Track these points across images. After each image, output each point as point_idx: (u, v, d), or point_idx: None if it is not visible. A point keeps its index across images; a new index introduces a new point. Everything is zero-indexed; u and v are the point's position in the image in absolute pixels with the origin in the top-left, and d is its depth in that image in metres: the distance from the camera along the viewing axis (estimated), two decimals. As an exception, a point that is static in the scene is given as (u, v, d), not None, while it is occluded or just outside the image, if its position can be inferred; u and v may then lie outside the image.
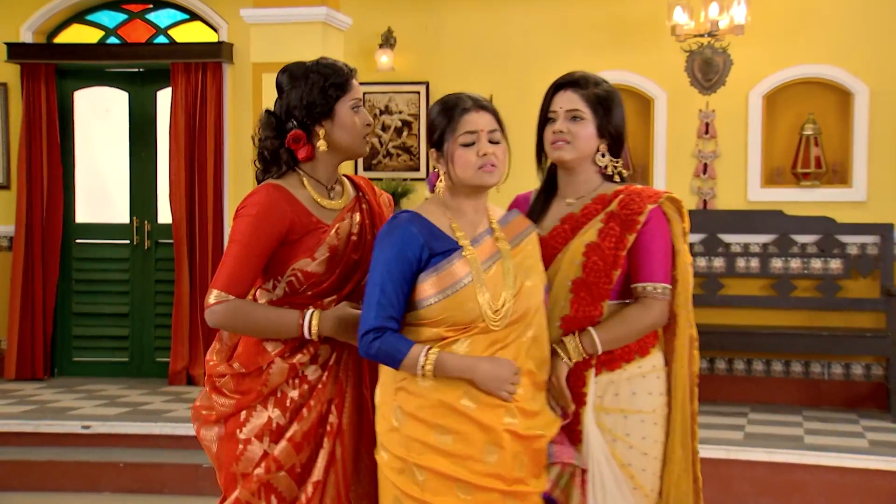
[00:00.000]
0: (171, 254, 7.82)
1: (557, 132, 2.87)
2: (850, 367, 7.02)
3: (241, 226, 2.69)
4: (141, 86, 8.08)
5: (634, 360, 2.85)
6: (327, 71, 2.75)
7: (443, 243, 2.65)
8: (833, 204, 7.02)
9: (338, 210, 2.80)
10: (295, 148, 2.75)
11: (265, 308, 2.72)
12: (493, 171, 2.65)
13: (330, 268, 2.73)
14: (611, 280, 2.81)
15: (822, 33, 7.05)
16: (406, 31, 7.59)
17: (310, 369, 2.76)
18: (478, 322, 2.61)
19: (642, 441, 2.83)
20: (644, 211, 2.82)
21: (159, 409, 6.75)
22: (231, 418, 2.77)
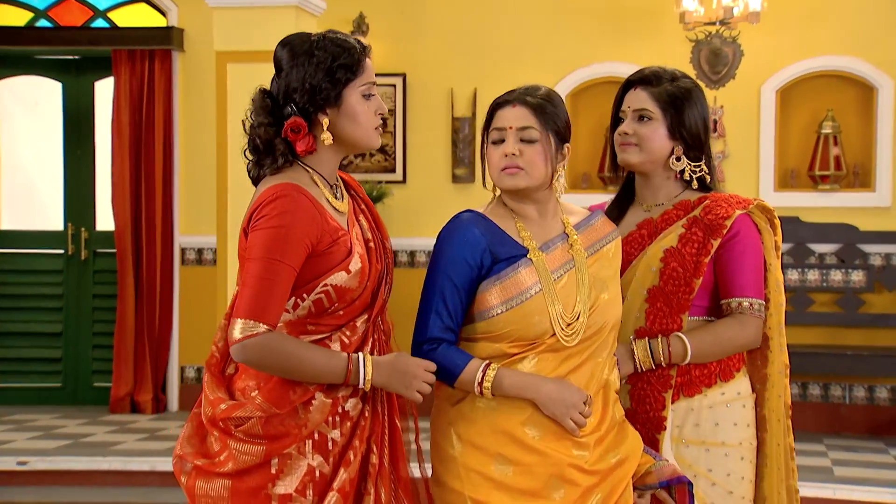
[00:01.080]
0: (112, 265, 7.59)
1: (623, 133, 2.86)
2: (874, 391, 6.90)
3: (263, 239, 2.42)
4: (76, 75, 7.85)
5: (716, 384, 2.79)
6: (336, 49, 2.51)
7: (508, 248, 2.58)
8: (854, 210, 6.92)
9: (346, 213, 2.59)
10: (293, 139, 2.51)
11: (308, 347, 2.46)
12: (515, 174, 2.56)
13: (361, 281, 2.52)
14: (691, 289, 2.76)
15: (842, 22, 6.94)
16: (380, 16, 7.38)
17: (350, 403, 2.53)
18: (545, 337, 2.54)
19: (727, 478, 2.77)
20: (732, 216, 2.76)
21: (104, 440, 6.52)
22: (256, 469, 2.47)
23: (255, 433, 2.46)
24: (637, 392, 2.79)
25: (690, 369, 2.78)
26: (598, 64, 7.25)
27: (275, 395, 2.47)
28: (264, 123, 2.53)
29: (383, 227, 2.70)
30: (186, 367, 7.62)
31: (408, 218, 7.35)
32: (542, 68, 7.19)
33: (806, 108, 7.09)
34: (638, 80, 2.87)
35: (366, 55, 2.56)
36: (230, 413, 2.48)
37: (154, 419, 7.27)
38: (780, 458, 2.84)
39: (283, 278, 2.41)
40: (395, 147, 7.48)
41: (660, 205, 2.88)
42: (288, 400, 2.47)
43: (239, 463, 2.47)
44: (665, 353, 2.74)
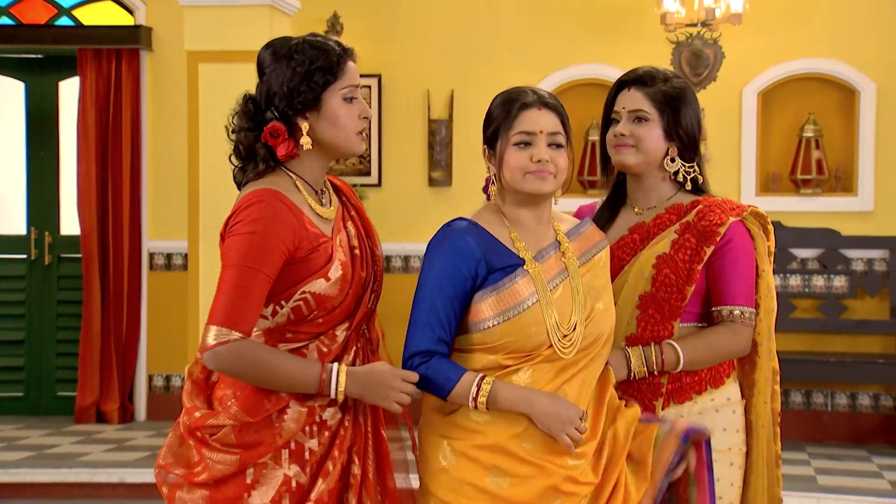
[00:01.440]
0: (77, 270, 7.54)
1: (619, 135, 2.85)
2: (857, 398, 6.97)
3: (238, 245, 2.45)
4: (40, 75, 7.79)
5: (706, 391, 2.81)
6: (314, 52, 2.53)
7: (503, 258, 2.56)
8: (836, 214, 6.98)
9: (332, 219, 2.61)
10: (273, 144, 2.54)
11: (282, 356, 2.49)
12: (546, 179, 2.56)
13: (342, 289, 2.54)
14: (683, 297, 2.77)
15: (824, 24, 6.99)
16: (355, 16, 7.37)
17: (329, 412, 2.55)
18: (542, 349, 2.53)
19: (717, 484, 2.76)
20: (725, 223, 2.77)
21: (70, 451, 6.46)
22: (231, 479, 2.50)
23: (229, 442, 2.49)
24: (629, 398, 2.79)
25: (681, 376, 2.79)
26: (578, 65, 7.28)
27: (249, 404, 2.50)
28: (245, 128, 2.56)
29: (374, 235, 2.70)
30: (155, 376, 7.58)
31: (383, 222, 7.28)
32: (521, 70, 7.21)
33: (787, 111, 7.16)
34: (632, 81, 2.88)
35: (347, 58, 2.57)
36: (204, 422, 2.51)
37: (121, 429, 7.22)
38: (765, 466, 2.86)
39: (258, 286, 2.44)
40: (370, 150, 7.48)
41: (652, 208, 2.89)
42: (262, 408, 2.49)
43: (213, 472, 2.49)
44: (658, 360, 2.75)
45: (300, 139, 2.54)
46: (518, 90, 2.64)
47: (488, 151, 2.64)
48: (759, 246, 2.85)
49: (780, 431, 2.90)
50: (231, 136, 2.59)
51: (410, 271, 7.24)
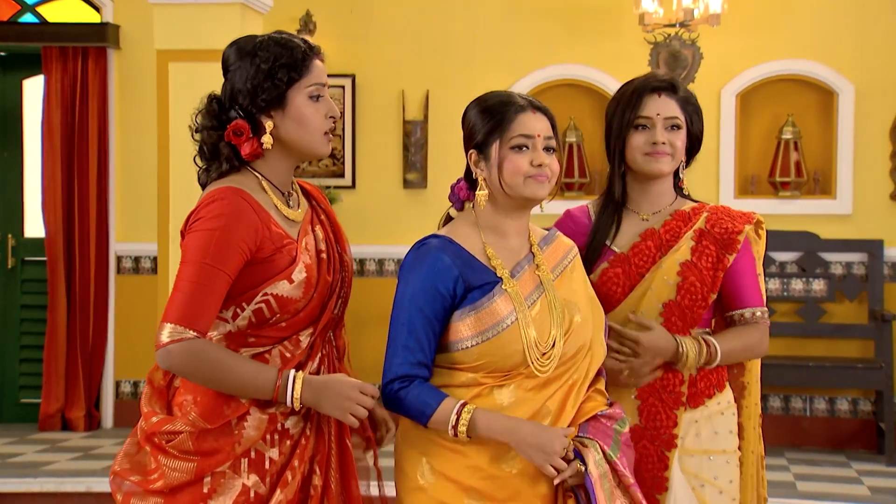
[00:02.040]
0: (42, 274, 7.45)
1: (658, 142, 2.88)
2: (835, 403, 6.99)
3: (199, 242, 2.42)
4: (3, 73, 7.72)
5: (714, 395, 2.90)
6: (278, 49, 2.50)
7: (480, 275, 2.55)
8: (815, 217, 7.00)
9: (300, 222, 2.58)
10: (237, 142, 2.51)
11: (236, 358, 2.44)
12: (544, 184, 2.56)
13: (307, 292, 2.51)
14: (706, 304, 2.86)
15: (802, 26, 7.02)
16: (328, 15, 7.33)
17: (291, 421, 2.52)
18: (521, 367, 2.52)
19: (730, 485, 2.86)
20: (743, 231, 2.88)
21: (34, 460, 6.38)
22: (187, 488, 2.46)
23: (186, 449, 2.46)
24: (647, 408, 2.86)
25: (697, 381, 2.86)
26: (556, 66, 7.27)
27: (208, 410, 2.46)
28: (208, 127, 2.54)
29: (343, 240, 2.67)
30: (122, 382, 7.51)
31: (358, 225, 7.31)
32: (498, 70, 7.20)
33: (766, 112, 7.17)
34: (664, 87, 2.92)
35: (313, 55, 2.55)
36: (160, 427, 2.48)
37: (87, 437, 7.14)
38: (758, 466, 2.96)
39: (217, 284, 2.40)
40: (343, 151, 7.44)
41: (657, 213, 2.94)
42: (221, 415, 2.46)
43: (169, 480, 2.45)
44: (706, 354, 2.82)
45: (262, 138, 2.51)
46: (504, 94, 2.62)
47: (477, 156, 2.60)
48: (755, 250, 2.96)
49: (762, 433, 3.00)
50: (195, 136, 2.56)
51: (385, 275, 7.21)
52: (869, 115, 6.99)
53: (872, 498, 5.65)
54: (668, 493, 2.83)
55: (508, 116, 2.56)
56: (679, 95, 2.91)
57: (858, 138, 7.01)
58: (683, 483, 2.84)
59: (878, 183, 7.01)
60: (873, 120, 7.00)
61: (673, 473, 2.83)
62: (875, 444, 6.84)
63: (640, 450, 2.82)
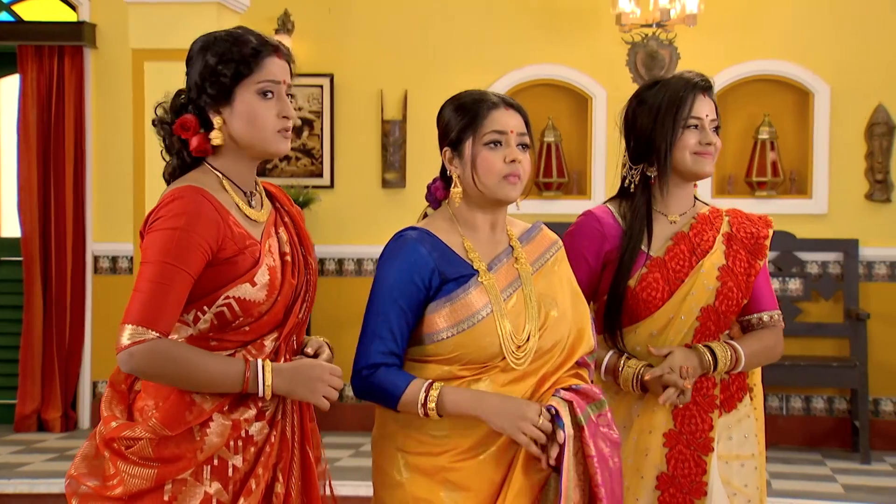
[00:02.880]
0: (18, 274, 7.43)
1: (710, 143, 2.89)
2: (811, 401, 7.07)
3: (159, 241, 2.36)
4: (-22, 72, 7.70)
5: (743, 399, 2.93)
6: (225, 45, 2.45)
7: (456, 268, 2.56)
8: (791, 216, 7.05)
9: (262, 223, 2.54)
10: (185, 137, 2.47)
11: (201, 353, 2.39)
12: (516, 185, 2.58)
13: (270, 295, 2.46)
14: (739, 309, 2.90)
15: (779, 26, 7.09)
16: (306, 14, 7.35)
17: (255, 427, 2.46)
18: (496, 360, 2.53)
19: (756, 492, 2.89)
20: (769, 236, 2.94)
21: (8, 461, 6.37)
22: (147, 495, 2.39)
23: (146, 455, 2.39)
24: (681, 412, 2.85)
25: (730, 385, 2.88)
26: (534, 65, 7.31)
27: (169, 416, 2.39)
28: (164, 121, 2.51)
29: (308, 242, 2.63)
30: (99, 383, 7.50)
31: (336, 225, 7.34)
32: (476, 70, 7.23)
33: (743, 112, 7.23)
34: (707, 88, 2.93)
35: (267, 52, 2.48)
36: (119, 433, 2.41)
37: (63, 438, 7.13)
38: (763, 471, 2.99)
39: (179, 283, 2.35)
40: (322, 151, 7.45)
41: (683, 214, 2.95)
42: (183, 421, 2.39)
43: (129, 487, 2.38)
44: (732, 359, 2.84)
45: (211, 133, 2.47)
46: (477, 92, 2.64)
47: (451, 154, 2.62)
48: None
49: None
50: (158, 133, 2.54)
51: (363, 274, 7.23)
52: (844, 115, 7.06)
53: (846, 496, 5.71)
54: (706, 497, 2.82)
55: (481, 113, 2.58)
56: (713, 96, 2.95)
57: (834, 138, 7.08)
58: (721, 490, 2.84)
59: (854, 183, 7.08)
60: (849, 120, 7.07)
61: (712, 478, 2.83)
62: (850, 443, 6.92)
63: (677, 454, 2.83)
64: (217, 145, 2.49)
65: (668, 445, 2.84)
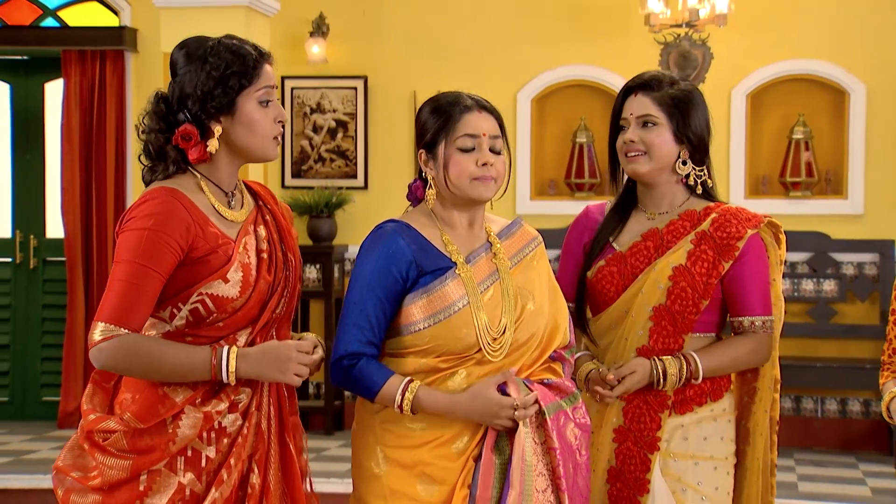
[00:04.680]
0: (62, 274, 7.59)
1: (629, 141, 2.88)
2: (847, 404, 7.00)
3: (130, 241, 2.45)
4: (25, 76, 7.87)
5: (706, 403, 2.88)
6: (229, 56, 2.53)
7: (434, 260, 2.60)
8: (826, 217, 7.01)
9: (240, 222, 2.61)
10: (185, 147, 2.55)
11: (167, 344, 2.48)
12: (489, 185, 2.62)
13: (244, 291, 2.53)
14: (698, 310, 2.83)
15: (813, 25, 7.03)
16: (341, 17, 7.44)
17: (228, 419, 2.53)
18: (472, 351, 2.57)
19: (715, 492, 2.85)
20: (744, 237, 2.84)
21: (48, 458, 6.47)
22: (124, 485, 2.47)
23: (122, 447, 2.48)
24: (632, 409, 2.87)
25: (685, 389, 2.86)
26: (565, 66, 7.32)
27: (143, 409, 2.48)
28: (155, 130, 2.56)
29: (289, 239, 2.69)
30: (138, 380, 7.62)
31: (370, 225, 7.17)
32: (507, 71, 7.27)
33: (777, 112, 7.18)
34: (638, 86, 2.90)
35: (263, 61, 2.58)
36: (95, 425, 2.50)
37: (104, 434, 7.25)
38: (761, 474, 2.90)
39: (149, 282, 2.43)
40: (356, 152, 7.52)
41: (664, 213, 2.92)
42: (155, 413, 2.48)
43: (106, 477, 2.47)
44: (686, 372, 2.81)
45: (209, 142, 2.55)
46: (453, 94, 2.67)
47: (426, 156, 2.66)
48: (772, 255, 2.92)
49: (776, 440, 2.96)
50: (141, 136, 2.60)
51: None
52: (880, 114, 7.00)
53: (873, 499, 5.68)
54: (648, 495, 2.84)
55: (454, 116, 2.61)
56: (658, 93, 2.87)
57: (870, 138, 7.01)
58: (664, 486, 2.85)
59: (890, 182, 7.01)
60: (885, 119, 7.00)
61: (654, 476, 2.85)
62: (887, 446, 6.83)
63: (625, 451, 2.87)
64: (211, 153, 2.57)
65: (617, 441, 2.88)
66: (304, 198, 7.31)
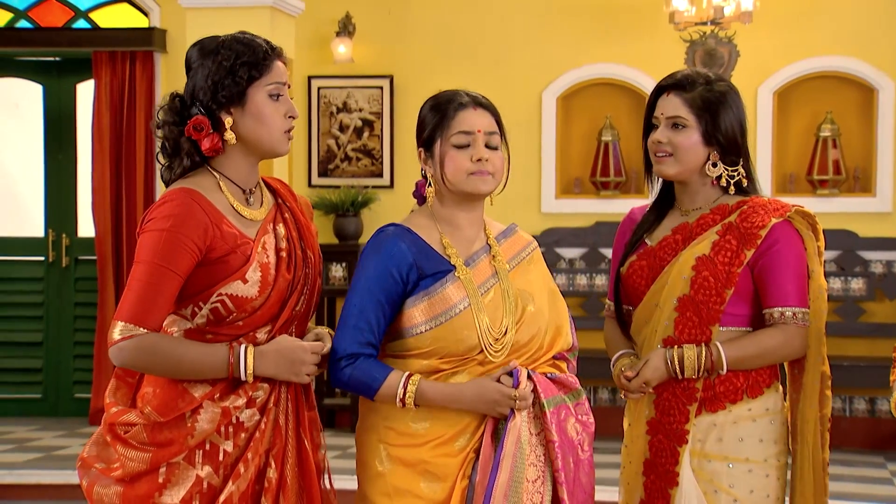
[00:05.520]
0: (93, 272, 7.67)
1: (657, 142, 2.89)
2: (875, 403, 6.94)
3: (149, 242, 2.49)
4: (58, 77, 7.95)
5: (742, 400, 2.84)
6: (240, 47, 2.57)
7: (434, 263, 2.64)
8: (854, 215, 6.96)
9: (259, 221, 2.65)
10: (197, 137, 2.58)
11: (185, 343, 2.54)
12: (486, 179, 2.63)
13: (263, 291, 2.58)
14: (722, 300, 2.81)
15: (841, 21, 6.99)
16: (367, 17, 7.47)
17: (245, 414, 2.58)
18: (474, 353, 2.60)
19: (749, 495, 2.82)
20: (767, 224, 2.80)
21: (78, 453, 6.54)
22: (145, 477, 2.54)
23: (142, 440, 2.54)
24: (662, 402, 2.87)
25: (715, 384, 2.83)
26: (591, 65, 7.31)
27: (163, 403, 2.55)
28: (169, 122, 2.60)
29: (309, 237, 2.73)
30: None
31: (395, 224, 7.39)
32: (532, 69, 7.26)
33: (804, 110, 7.14)
34: (671, 86, 2.88)
35: (274, 56, 2.62)
36: (117, 418, 2.57)
37: (134, 431, 7.32)
38: (812, 472, 2.85)
39: (167, 282, 2.48)
40: (382, 151, 7.55)
41: (697, 209, 2.91)
42: (175, 408, 2.54)
43: (127, 469, 2.54)
44: (707, 360, 2.79)
45: (225, 134, 2.59)
46: (451, 92, 2.70)
47: (424, 154, 2.70)
48: (809, 246, 2.88)
49: (829, 438, 2.90)
50: (156, 131, 2.64)
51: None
52: (910, 111, 6.90)
53: (898, 499, 5.60)
54: (677, 488, 2.83)
55: (449, 114, 2.64)
56: (690, 94, 2.84)
57: (899, 135, 6.92)
58: (693, 483, 2.83)
59: (920, 180, 6.92)
60: (914, 116, 6.90)
61: (683, 470, 2.83)
62: (916, 446, 6.75)
63: (657, 443, 2.87)
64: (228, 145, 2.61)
65: (650, 434, 2.88)
66: (331, 197, 7.34)
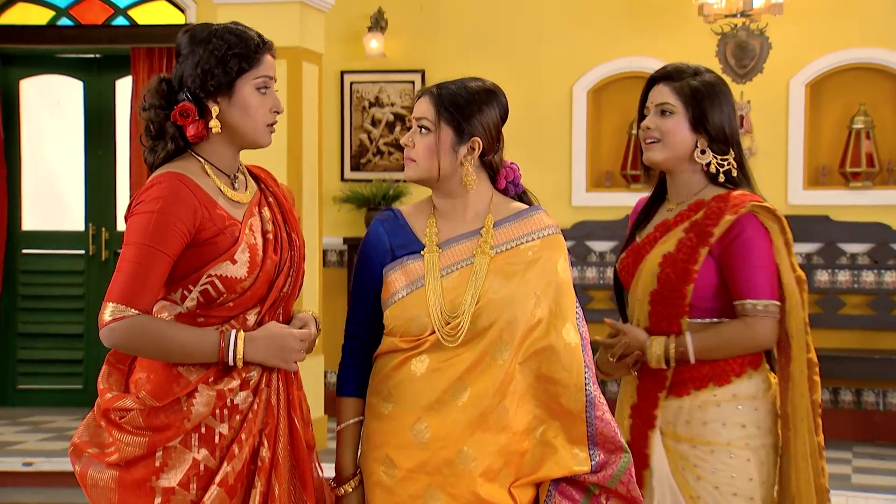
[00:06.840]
0: (130, 266, 7.73)
1: (645, 129, 2.94)
2: (909, 396, 6.90)
3: (139, 225, 2.52)
4: (98, 74, 8.06)
5: (707, 388, 2.92)
6: (232, 38, 2.59)
7: (407, 244, 2.68)
8: (887, 208, 6.91)
9: (245, 204, 2.68)
10: (182, 123, 2.60)
11: (176, 326, 2.56)
12: (408, 165, 2.68)
13: (251, 272, 2.61)
14: (684, 295, 2.88)
15: (873, 12, 6.93)
16: (398, 11, 7.52)
17: (240, 396, 2.60)
18: (425, 334, 2.60)
19: (712, 475, 2.88)
20: (720, 223, 2.86)
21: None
22: (140, 461, 2.55)
23: (138, 425, 2.55)
24: (642, 388, 2.99)
25: (682, 371, 2.92)
26: (621, 59, 7.30)
27: (158, 388, 2.56)
28: (155, 106, 2.63)
29: (292, 220, 2.77)
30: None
31: (428, 217, 7.41)
32: (563, 63, 7.27)
33: (837, 102, 7.08)
34: (660, 76, 2.97)
35: (265, 50, 2.64)
36: (112, 404, 2.58)
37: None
38: (808, 457, 2.88)
39: (157, 264, 2.51)
40: (413, 145, 7.56)
41: (682, 203, 2.97)
42: (170, 392, 2.56)
43: (124, 454, 2.55)
44: (674, 351, 2.89)
45: (210, 122, 2.62)
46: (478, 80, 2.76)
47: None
48: (776, 240, 2.91)
49: (821, 423, 2.93)
50: (142, 114, 2.67)
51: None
52: (943, 102, 6.82)
53: (929, 492, 5.54)
54: (649, 470, 2.93)
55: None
56: (678, 83, 2.91)
57: (933, 127, 6.85)
58: (664, 466, 2.92)
59: (954, 172, 6.83)
60: (948, 108, 6.82)
61: (653, 452, 2.92)
62: (949, 440, 6.67)
63: (635, 427, 2.97)
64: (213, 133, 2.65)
65: (631, 418, 2.99)
66: (363, 190, 7.39)
